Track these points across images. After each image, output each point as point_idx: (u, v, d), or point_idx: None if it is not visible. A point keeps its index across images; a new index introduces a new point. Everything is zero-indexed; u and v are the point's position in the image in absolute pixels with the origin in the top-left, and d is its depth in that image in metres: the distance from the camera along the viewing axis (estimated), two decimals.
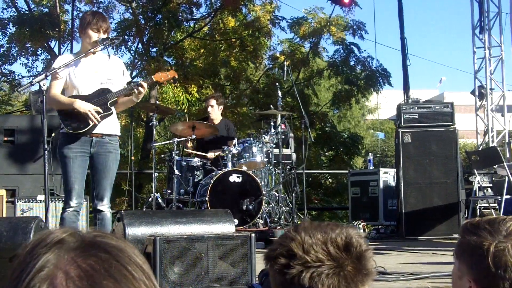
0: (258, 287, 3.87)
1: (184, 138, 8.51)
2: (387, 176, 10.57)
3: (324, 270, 1.41)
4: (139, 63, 18.06)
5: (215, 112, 8.88)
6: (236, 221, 4.97)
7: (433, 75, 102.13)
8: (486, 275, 1.75)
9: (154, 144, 8.70)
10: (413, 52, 23.32)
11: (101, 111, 5.05)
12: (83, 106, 4.99)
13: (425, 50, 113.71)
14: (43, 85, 4.77)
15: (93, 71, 5.17)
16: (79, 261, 0.89)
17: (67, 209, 5.00)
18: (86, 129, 5.02)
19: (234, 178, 8.01)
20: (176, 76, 5.84)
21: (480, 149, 12.54)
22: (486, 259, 1.75)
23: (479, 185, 9.75)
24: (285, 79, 12.29)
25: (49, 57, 18.86)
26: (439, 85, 56.08)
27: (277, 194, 8.81)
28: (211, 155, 8.63)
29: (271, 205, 8.70)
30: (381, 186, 10.43)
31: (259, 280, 3.86)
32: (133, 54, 18.70)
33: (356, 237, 1.47)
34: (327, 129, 20.53)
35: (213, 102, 8.90)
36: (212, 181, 7.85)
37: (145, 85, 5.12)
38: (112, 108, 5.17)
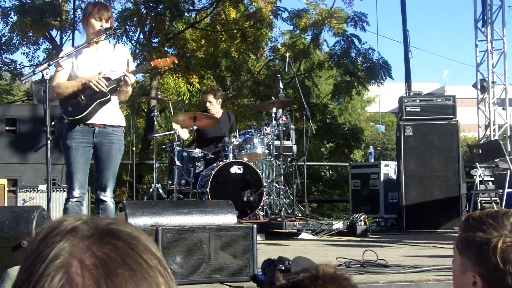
0: (261, 277, 3.87)
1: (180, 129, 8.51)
2: (388, 169, 10.56)
3: None
4: (140, 53, 18.02)
5: (214, 107, 8.83)
6: (236, 212, 4.97)
7: (434, 68, 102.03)
8: (494, 271, 1.75)
9: (155, 135, 8.70)
10: (415, 45, 23.31)
11: (105, 85, 5.04)
12: (88, 78, 5.01)
13: (427, 42, 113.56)
14: (46, 74, 4.77)
15: (97, 63, 5.16)
16: (94, 249, 0.88)
17: (70, 199, 5.01)
18: (82, 115, 5.01)
19: (235, 169, 8.01)
20: (176, 61, 5.82)
21: (481, 142, 12.53)
22: (494, 255, 1.74)
23: (480, 179, 9.75)
24: (286, 70, 12.26)
25: (50, 46, 18.85)
26: (443, 78, 55.95)
27: (277, 186, 8.81)
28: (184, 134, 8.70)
29: (271, 197, 8.71)
30: (382, 179, 10.42)
31: (262, 271, 3.86)
32: (134, 44, 18.67)
33: None
34: (327, 120, 20.52)
35: (210, 97, 8.84)
36: (213, 172, 7.85)
37: (130, 76, 5.08)
38: (112, 95, 5.14)
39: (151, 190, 8.49)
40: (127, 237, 0.93)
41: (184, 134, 8.75)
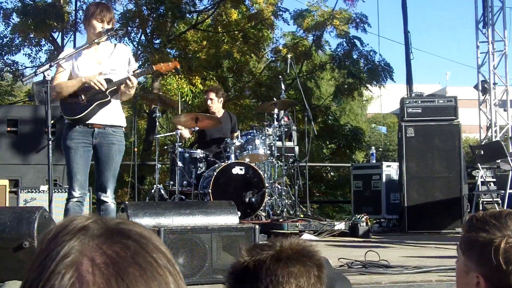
0: None
1: (183, 129, 8.52)
2: (390, 169, 10.55)
3: None
4: (142, 54, 18.03)
5: (215, 105, 8.85)
6: (238, 213, 4.97)
7: (435, 69, 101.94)
8: (497, 271, 1.75)
9: (157, 136, 8.69)
10: (416, 46, 23.32)
11: (105, 85, 5.05)
12: (89, 77, 5.02)
13: (428, 44, 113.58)
14: (47, 75, 4.77)
15: (96, 63, 5.16)
16: (104, 248, 0.89)
17: (71, 200, 5.01)
18: (81, 115, 5.02)
19: (237, 170, 8.00)
20: (179, 66, 5.81)
21: (483, 143, 12.52)
22: (497, 256, 1.74)
23: (482, 180, 9.74)
24: (288, 71, 12.26)
25: (52, 48, 18.86)
26: (447, 79, 55.96)
27: (279, 187, 8.80)
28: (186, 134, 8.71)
29: (273, 198, 8.70)
30: (384, 179, 10.41)
31: None
32: (136, 46, 18.68)
33: None
34: (329, 122, 20.52)
35: (212, 95, 8.87)
36: (215, 173, 7.84)
37: (133, 79, 5.08)
38: (112, 97, 5.14)
39: (152, 191, 8.48)
40: (137, 236, 0.93)
41: (186, 133, 8.76)
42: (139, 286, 0.87)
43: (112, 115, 5.17)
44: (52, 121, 7.44)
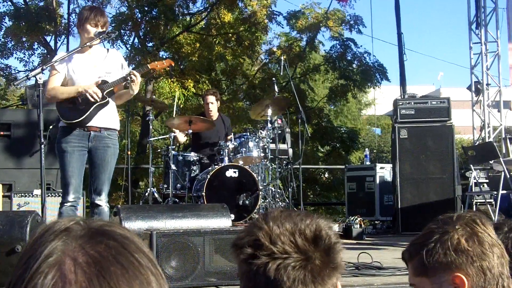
0: None
1: (178, 133, 8.52)
2: (384, 171, 10.57)
3: (290, 263, 1.33)
4: (135, 57, 18.00)
5: (215, 109, 8.86)
6: (232, 216, 4.98)
7: (429, 71, 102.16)
8: None
9: (150, 139, 8.69)
10: (410, 47, 23.37)
11: (100, 96, 5.06)
12: (85, 87, 5.03)
13: (421, 45, 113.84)
14: (40, 79, 4.78)
15: (91, 66, 5.18)
16: (87, 248, 0.91)
17: (65, 204, 5.01)
18: (81, 118, 5.03)
19: (230, 173, 8.01)
20: (173, 64, 5.86)
21: (476, 144, 12.55)
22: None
23: (475, 181, 9.76)
24: (281, 73, 12.26)
25: (45, 51, 18.82)
26: (439, 79, 56.18)
27: (273, 189, 8.80)
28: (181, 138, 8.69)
29: (267, 200, 8.69)
30: (378, 181, 10.43)
31: None
32: (129, 49, 18.66)
33: (325, 230, 1.39)
34: (323, 124, 20.53)
35: (212, 99, 8.85)
36: (208, 176, 7.85)
37: (136, 73, 5.11)
38: (109, 99, 5.16)
39: (146, 194, 8.48)
40: (120, 237, 0.95)
41: (181, 136, 8.76)
42: (121, 285, 0.88)
43: (108, 118, 5.20)
44: (50, 127, 7.49)
